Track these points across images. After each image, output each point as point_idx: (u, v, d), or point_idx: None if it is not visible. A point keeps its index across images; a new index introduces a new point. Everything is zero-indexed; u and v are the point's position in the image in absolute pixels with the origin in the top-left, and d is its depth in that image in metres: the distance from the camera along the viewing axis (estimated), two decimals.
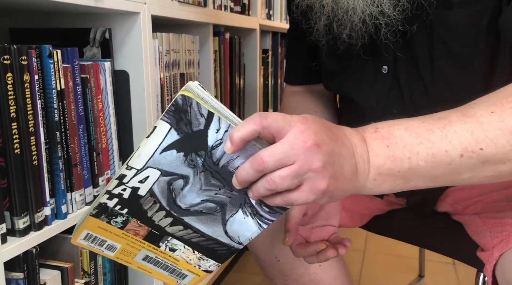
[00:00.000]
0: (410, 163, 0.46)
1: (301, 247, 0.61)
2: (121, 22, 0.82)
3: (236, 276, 1.46)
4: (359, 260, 1.58)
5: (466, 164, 0.46)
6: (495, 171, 0.46)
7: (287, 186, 0.42)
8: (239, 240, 0.52)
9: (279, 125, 0.42)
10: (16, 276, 0.61)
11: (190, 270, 0.56)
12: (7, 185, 0.59)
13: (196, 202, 0.49)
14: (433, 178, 0.47)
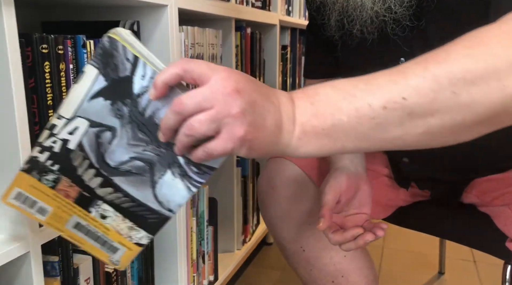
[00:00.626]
0: (333, 119, 0.44)
1: (338, 234, 0.61)
2: (149, 15, 0.83)
3: (255, 270, 1.47)
4: (377, 256, 1.58)
5: (391, 117, 0.43)
6: (425, 125, 0.43)
7: (205, 130, 0.42)
8: (169, 206, 0.51)
9: (202, 70, 0.42)
10: (52, 259, 0.63)
11: (121, 242, 0.54)
12: None
13: (124, 160, 0.48)
14: (360, 136, 0.45)
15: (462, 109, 0.41)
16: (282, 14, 1.60)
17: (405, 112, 0.42)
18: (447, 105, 0.41)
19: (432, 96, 0.41)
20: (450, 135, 0.44)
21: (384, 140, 0.45)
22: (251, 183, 1.42)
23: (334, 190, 0.63)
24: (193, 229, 1.01)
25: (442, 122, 0.42)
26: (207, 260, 1.10)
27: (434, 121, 0.42)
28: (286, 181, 0.80)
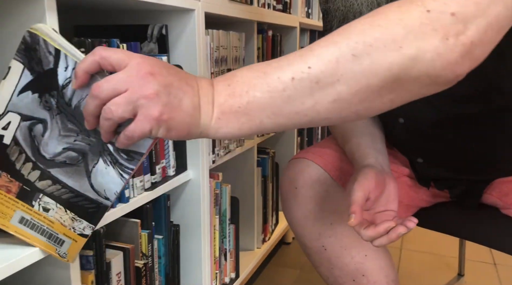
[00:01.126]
0: (248, 97, 0.45)
1: (371, 229, 0.62)
2: (177, 19, 0.86)
3: (274, 269, 1.49)
4: (395, 257, 1.58)
5: (300, 88, 0.44)
6: (334, 93, 0.44)
7: (121, 112, 0.43)
8: (106, 195, 0.52)
9: (119, 57, 0.44)
10: (87, 253, 0.66)
11: (66, 234, 0.55)
12: None
13: (58, 151, 0.50)
14: (275, 110, 0.45)
15: (365, 72, 0.43)
16: (302, 16, 1.62)
17: (313, 82, 0.44)
18: (350, 69, 0.43)
19: (334, 62, 0.43)
20: (360, 103, 0.45)
21: (298, 113, 0.45)
22: (270, 182, 1.44)
23: (363, 187, 0.64)
24: (216, 227, 1.04)
25: (349, 88, 0.43)
26: (229, 258, 1.12)
27: (341, 88, 0.43)
28: (308, 181, 0.82)
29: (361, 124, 0.81)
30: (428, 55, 0.42)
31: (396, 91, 0.44)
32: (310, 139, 1.89)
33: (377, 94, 0.44)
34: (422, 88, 0.45)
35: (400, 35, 0.42)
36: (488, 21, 0.42)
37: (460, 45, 0.42)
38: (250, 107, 0.45)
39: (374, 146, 0.76)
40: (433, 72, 0.43)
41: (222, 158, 1.07)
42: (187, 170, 0.92)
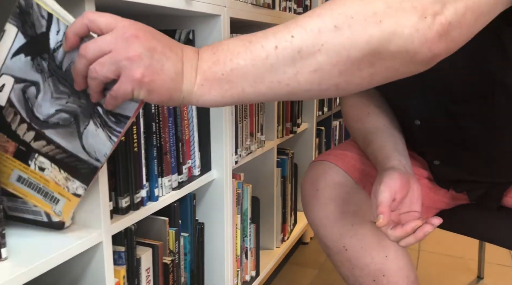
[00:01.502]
0: (232, 64, 0.46)
1: (398, 229, 0.63)
2: (203, 24, 0.89)
3: (292, 268, 1.51)
4: (413, 259, 1.58)
5: (282, 56, 0.45)
6: (316, 63, 0.45)
7: (105, 72, 0.45)
8: (96, 156, 0.54)
9: (107, 20, 0.45)
10: (119, 249, 0.69)
11: (60, 193, 0.57)
12: (113, 168, 0.67)
13: (51, 113, 0.52)
14: (257, 78, 0.46)
15: (345, 43, 0.44)
16: None
17: (295, 51, 0.44)
18: (331, 40, 0.44)
19: (317, 32, 0.44)
20: (340, 75, 0.45)
21: (280, 83, 0.46)
22: (289, 183, 1.46)
23: (389, 188, 0.65)
24: (238, 226, 1.06)
25: (330, 59, 0.44)
26: (249, 256, 1.15)
27: (322, 58, 0.44)
28: (329, 183, 0.84)
29: (382, 127, 0.82)
30: (407, 30, 0.43)
31: (376, 66, 0.45)
32: (328, 140, 1.91)
33: (357, 67, 0.45)
34: (401, 65, 0.45)
35: (381, 9, 0.43)
36: (467, 4, 0.44)
37: (437, 24, 0.43)
38: (233, 74, 0.46)
39: (396, 148, 0.77)
40: (411, 48, 0.43)
41: (244, 159, 1.10)
42: (211, 170, 0.95)
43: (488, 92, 0.69)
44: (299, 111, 1.51)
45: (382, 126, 0.82)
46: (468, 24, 0.44)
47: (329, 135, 1.91)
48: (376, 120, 0.84)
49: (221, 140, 0.94)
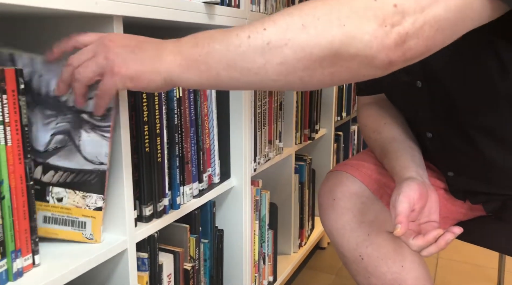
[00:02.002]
0: (208, 47, 0.51)
1: (419, 239, 0.64)
2: None
3: (309, 273, 1.52)
4: (432, 266, 1.58)
5: (253, 45, 0.49)
6: (282, 56, 0.48)
7: (88, 72, 0.52)
8: (99, 160, 0.58)
9: (90, 36, 0.54)
10: (142, 255, 0.72)
11: (84, 214, 0.60)
12: (138, 177, 0.70)
13: (47, 140, 0.57)
14: (230, 63, 0.50)
15: (309, 41, 0.47)
16: None
17: (264, 42, 0.48)
18: (297, 36, 0.47)
19: (285, 27, 0.48)
20: (304, 69, 0.49)
21: (250, 70, 0.50)
22: (307, 189, 1.48)
23: (408, 198, 0.66)
24: (256, 232, 1.08)
25: (295, 53, 0.48)
26: (267, 261, 1.17)
27: (288, 52, 0.48)
28: (346, 193, 0.85)
29: (399, 137, 0.83)
30: (366, 36, 0.46)
31: (336, 66, 0.48)
32: (347, 145, 1.91)
33: (319, 64, 0.48)
34: (360, 68, 0.49)
35: (346, 14, 0.47)
36: (425, 19, 0.47)
37: (395, 33, 0.46)
38: (209, 56, 0.51)
39: (413, 158, 0.78)
40: (369, 53, 0.47)
41: (262, 166, 1.12)
42: (230, 178, 0.97)
43: (494, 104, 0.70)
44: (317, 117, 1.53)
45: (398, 136, 0.83)
46: (426, 36, 0.48)
47: (347, 141, 1.91)
48: (392, 131, 0.85)
49: (240, 148, 0.96)
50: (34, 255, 0.56)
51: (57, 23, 0.62)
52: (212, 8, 0.79)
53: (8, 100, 0.51)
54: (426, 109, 0.78)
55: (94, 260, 0.60)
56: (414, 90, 0.77)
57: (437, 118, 0.78)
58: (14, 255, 0.53)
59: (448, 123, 0.76)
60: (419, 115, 0.81)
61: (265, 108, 1.12)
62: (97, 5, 0.55)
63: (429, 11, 0.47)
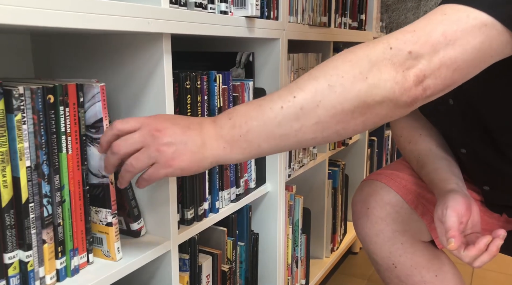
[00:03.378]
0: (247, 126, 0.54)
1: (471, 249, 0.65)
2: (262, 47, 0.95)
3: (341, 278, 1.54)
4: (467, 276, 1.56)
5: (288, 114, 0.53)
6: (316, 116, 0.52)
7: (141, 165, 0.55)
8: (102, 173, 0.60)
9: (131, 125, 0.56)
10: (183, 256, 0.76)
11: (100, 230, 0.61)
12: (181, 183, 0.74)
13: None
14: (270, 135, 0.54)
15: (338, 98, 0.52)
16: (377, 31, 1.64)
17: (297, 108, 0.53)
18: (327, 96, 0.52)
19: (314, 91, 0.52)
20: (338, 123, 0.53)
21: (288, 135, 0.54)
22: (340, 194, 1.49)
23: (457, 212, 0.67)
24: (289, 236, 1.11)
25: (327, 112, 0.52)
26: (300, 265, 1.19)
27: (321, 112, 0.52)
28: (380, 202, 0.86)
29: (435, 149, 0.84)
30: (388, 83, 0.51)
31: (367, 114, 0.53)
32: (380, 150, 1.91)
33: (351, 116, 0.53)
34: (388, 111, 0.53)
35: (366, 68, 0.52)
36: (441, 61, 0.51)
37: (412, 75, 0.51)
38: (249, 134, 0.55)
39: (452, 170, 0.78)
40: (393, 97, 0.51)
41: (296, 171, 1.14)
42: (265, 183, 1.00)
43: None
44: None
45: (434, 148, 0.84)
46: (444, 77, 0.52)
47: (381, 146, 1.91)
48: (428, 142, 0.85)
49: (275, 154, 0.99)
50: (88, 254, 0.61)
51: (109, 39, 0.67)
52: (252, 22, 0.83)
53: (69, 112, 0.56)
54: (459, 126, 0.79)
55: (142, 259, 0.64)
56: (447, 107, 0.78)
57: (470, 136, 0.78)
58: (72, 253, 0.58)
59: (481, 140, 0.76)
60: (452, 131, 0.81)
61: None
62: (150, 24, 0.59)
63: (445, 54, 0.51)
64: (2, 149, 0.49)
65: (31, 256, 0.52)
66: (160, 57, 0.64)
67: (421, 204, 0.85)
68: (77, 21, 0.50)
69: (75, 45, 0.71)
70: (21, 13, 0.44)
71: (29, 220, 0.52)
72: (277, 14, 0.94)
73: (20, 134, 0.50)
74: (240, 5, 0.81)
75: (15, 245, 0.51)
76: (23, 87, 0.50)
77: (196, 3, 0.71)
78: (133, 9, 0.56)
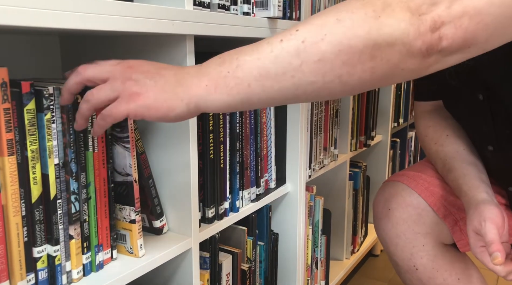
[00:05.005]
0: (238, 61, 0.47)
1: (508, 264, 0.65)
2: None
3: (362, 280, 1.52)
4: (492, 281, 1.52)
5: (287, 47, 0.46)
6: (319, 52, 0.45)
7: (103, 95, 0.48)
8: (126, 171, 0.60)
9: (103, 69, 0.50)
10: (204, 254, 0.77)
11: (123, 227, 0.62)
12: (203, 182, 0.76)
13: None
14: (263, 72, 0.47)
15: (346, 32, 0.45)
16: None
17: (299, 41, 0.46)
18: (333, 30, 0.45)
19: (320, 25, 0.46)
20: (343, 65, 0.46)
21: (285, 74, 0.46)
22: (361, 196, 1.48)
23: (496, 225, 0.66)
24: (309, 236, 1.11)
25: (332, 47, 0.45)
26: (319, 266, 1.19)
27: (325, 47, 0.45)
28: (402, 204, 0.86)
29: (462, 152, 0.82)
30: (402, 24, 0.45)
31: (376, 59, 0.46)
32: (403, 152, 1.88)
33: (358, 58, 0.46)
34: (400, 59, 0.47)
35: (380, 7, 0.46)
36: (464, 9, 0.45)
37: (429, 19, 0.45)
38: (238, 70, 0.47)
39: (480, 177, 0.77)
40: (406, 40, 0.46)
41: (317, 172, 1.14)
42: (286, 183, 1.00)
43: None
44: (373, 124, 1.52)
45: (462, 150, 0.82)
46: (465, 28, 0.46)
47: (404, 147, 1.89)
48: (455, 144, 0.84)
49: (296, 155, 0.99)
50: (112, 250, 0.62)
51: (134, 41, 0.68)
52: (274, 23, 0.83)
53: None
54: (489, 122, 0.77)
55: (164, 256, 0.66)
56: (477, 103, 0.77)
57: (498, 132, 0.77)
58: (97, 249, 0.59)
59: (510, 137, 0.75)
60: (481, 128, 0.80)
61: (321, 116, 1.14)
62: (174, 26, 0.60)
63: (468, 2, 0.45)
64: (33, 147, 0.50)
65: (58, 251, 0.54)
66: (183, 58, 0.66)
67: (443, 206, 0.84)
68: (105, 24, 0.51)
69: (101, 46, 0.72)
70: (52, 16, 0.46)
71: (57, 215, 0.53)
72: (299, 15, 0.94)
73: (49, 132, 0.52)
74: (262, 6, 0.81)
75: (44, 239, 0.53)
76: (53, 87, 0.52)
77: (219, 4, 0.72)
78: (158, 11, 0.58)
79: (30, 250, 0.52)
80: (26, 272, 0.51)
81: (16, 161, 0.49)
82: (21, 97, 0.49)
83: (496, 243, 0.64)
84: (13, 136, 0.49)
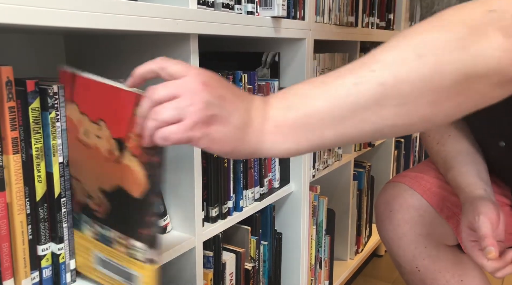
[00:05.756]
0: (306, 106, 0.42)
1: (496, 260, 0.64)
2: (288, 47, 0.95)
3: (366, 280, 1.52)
4: (497, 282, 1.52)
5: (364, 91, 0.41)
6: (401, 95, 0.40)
7: (167, 115, 0.42)
8: None
9: (178, 68, 0.44)
10: (207, 254, 0.77)
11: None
12: (206, 181, 0.76)
13: None
14: (337, 119, 0.42)
15: (431, 71, 0.40)
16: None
17: (376, 84, 0.41)
18: (415, 69, 0.40)
19: (399, 63, 0.40)
20: (428, 105, 0.41)
21: (363, 121, 0.42)
22: (365, 196, 1.48)
23: (490, 220, 0.66)
24: (313, 236, 1.11)
25: (415, 89, 0.40)
26: (323, 266, 1.19)
27: (408, 89, 0.40)
28: (404, 205, 0.85)
29: (464, 151, 0.82)
30: (497, 52, 0.40)
31: (465, 93, 0.41)
32: (408, 152, 1.88)
33: (446, 95, 0.41)
34: (490, 89, 0.42)
35: (464, 34, 0.40)
36: None
37: None
38: (309, 118, 0.42)
39: (480, 175, 0.76)
40: (499, 69, 0.40)
41: (321, 172, 1.14)
42: (289, 183, 1.00)
43: None
44: None
45: (464, 150, 0.82)
46: None
47: (408, 148, 1.88)
48: (457, 144, 0.83)
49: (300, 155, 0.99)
50: None
51: (138, 40, 0.69)
52: (279, 22, 0.83)
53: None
54: (502, 116, 0.76)
55: (168, 255, 0.66)
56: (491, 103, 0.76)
57: None
58: None
59: None
60: (493, 124, 0.78)
61: None
62: (178, 25, 0.61)
63: None
64: (38, 145, 0.51)
65: (62, 249, 0.54)
66: (187, 57, 0.66)
67: (446, 207, 0.83)
68: (109, 23, 0.51)
69: (105, 45, 0.73)
70: (56, 15, 0.46)
71: (61, 214, 0.54)
72: (303, 14, 0.94)
73: (53, 131, 0.52)
74: (266, 6, 0.81)
75: (48, 237, 0.53)
76: (57, 86, 0.52)
77: (223, 3, 0.72)
78: (162, 10, 0.58)
79: (35, 248, 0.52)
80: (30, 270, 0.51)
81: (21, 159, 0.49)
82: (26, 96, 0.49)
83: (489, 237, 0.63)
84: (18, 134, 0.49)
